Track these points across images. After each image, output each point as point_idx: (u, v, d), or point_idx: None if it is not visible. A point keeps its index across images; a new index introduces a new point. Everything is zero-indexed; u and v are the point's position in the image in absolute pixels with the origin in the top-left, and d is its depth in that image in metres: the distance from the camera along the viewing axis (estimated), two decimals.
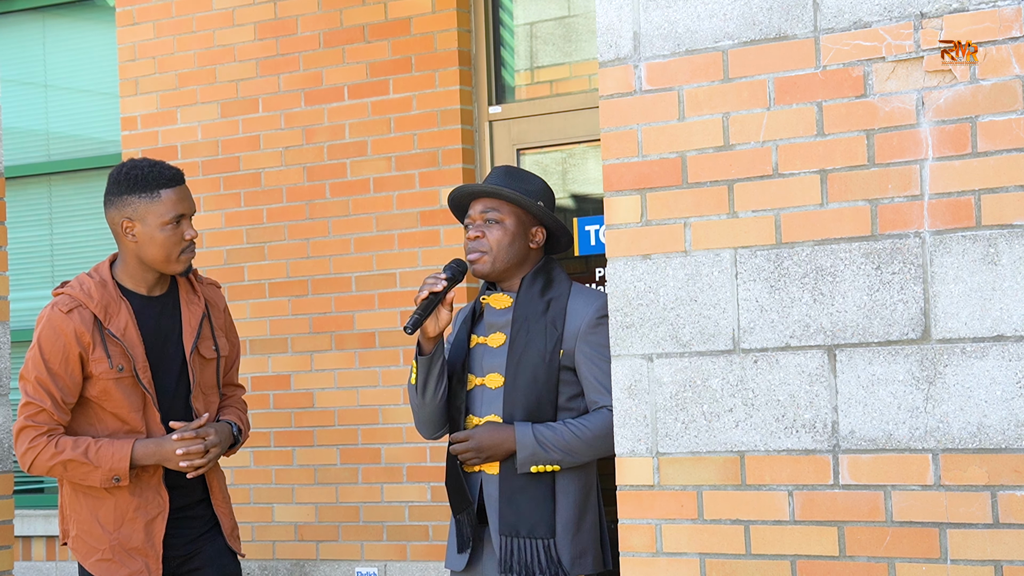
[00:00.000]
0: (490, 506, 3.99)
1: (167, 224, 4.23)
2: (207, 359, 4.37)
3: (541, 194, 4.08)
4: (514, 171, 4.11)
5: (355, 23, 6.86)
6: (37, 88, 8.09)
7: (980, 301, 3.26)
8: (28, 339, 7.87)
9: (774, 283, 3.48)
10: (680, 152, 3.60)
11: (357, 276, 6.83)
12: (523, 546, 3.94)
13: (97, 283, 4.26)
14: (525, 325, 3.97)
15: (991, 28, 3.26)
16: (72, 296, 4.25)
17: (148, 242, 4.24)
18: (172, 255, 4.25)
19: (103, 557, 4.28)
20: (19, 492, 7.74)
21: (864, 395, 3.38)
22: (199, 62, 7.25)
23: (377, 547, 6.77)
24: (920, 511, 3.31)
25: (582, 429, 3.93)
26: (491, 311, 4.06)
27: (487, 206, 4.03)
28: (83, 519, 4.30)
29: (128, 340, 4.23)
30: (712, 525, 3.54)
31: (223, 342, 4.43)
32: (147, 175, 4.25)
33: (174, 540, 4.31)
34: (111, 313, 4.23)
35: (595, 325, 3.97)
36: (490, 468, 4.00)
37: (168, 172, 4.28)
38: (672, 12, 3.60)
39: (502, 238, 4.01)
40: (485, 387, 4.03)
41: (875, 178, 3.38)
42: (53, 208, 8.00)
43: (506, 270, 4.03)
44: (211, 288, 4.48)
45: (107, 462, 4.18)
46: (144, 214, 4.23)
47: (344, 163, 6.89)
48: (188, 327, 4.32)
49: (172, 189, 4.26)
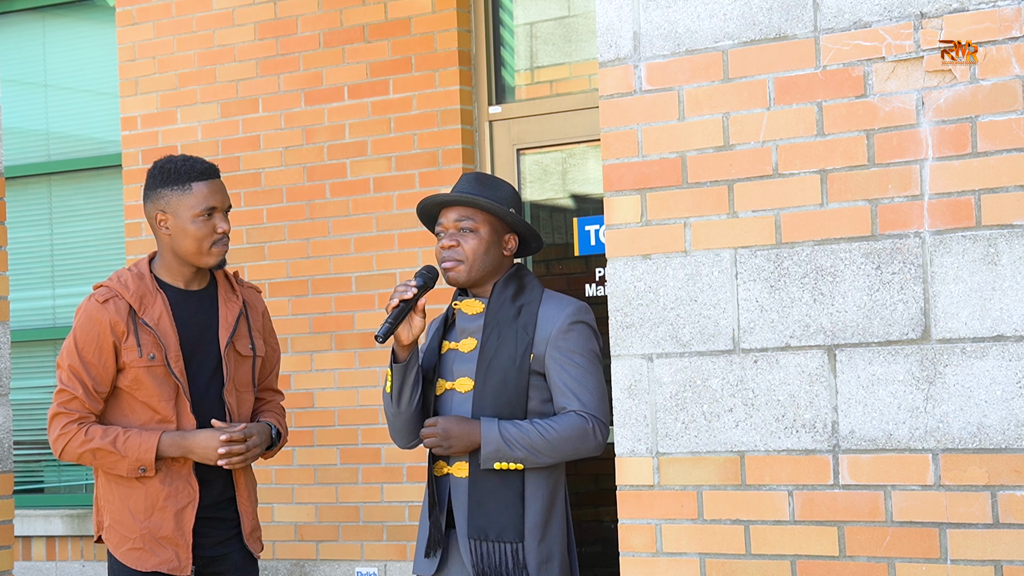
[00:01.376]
0: (458, 510, 4.00)
1: (198, 216, 4.32)
2: (243, 356, 4.44)
3: (511, 200, 4.08)
4: (484, 178, 4.10)
5: (355, 23, 6.86)
6: (37, 88, 8.09)
7: (980, 301, 3.26)
8: (28, 339, 7.89)
9: (774, 283, 3.48)
10: (680, 152, 3.60)
11: (357, 276, 6.83)
12: (491, 550, 3.94)
13: (135, 275, 4.37)
14: (496, 330, 3.98)
15: (991, 28, 3.26)
16: (109, 287, 4.35)
17: (180, 234, 4.32)
18: (204, 247, 4.33)
19: (134, 546, 4.33)
20: (19, 492, 7.74)
21: (864, 395, 3.38)
22: (199, 62, 7.25)
23: (377, 547, 6.77)
24: (920, 511, 3.31)
25: (548, 430, 3.92)
26: (463, 316, 4.07)
27: (461, 215, 4.02)
28: (115, 509, 4.35)
29: (161, 330, 4.30)
30: (712, 525, 3.54)
31: (260, 343, 4.51)
32: (179, 168, 4.35)
33: (203, 540, 4.37)
34: (146, 304, 4.32)
35: (566, 331, 3.97)
36: (459, 471, 4.00)
37: (200, 166, 4.37)
38: (672, 12, 3.60)
39: (478, 247, 4.02)
40: (455, 391, 4.03)
41: (875, 178, 3.38)
42: (53, 208, 8.00)
43: (481, 278, 4.04)
44: (251, 291, 4.57)
45: (134, 452, 4.26)
46: (176, 207, 4.32)
47: (344, 163, 6.89)
48: (225, 322, 4.39)
49: (204, 182, 4.35)
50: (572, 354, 3.96)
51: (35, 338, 7.93)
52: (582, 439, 3.94)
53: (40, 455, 8.06)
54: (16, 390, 7.36)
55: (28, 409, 7.97)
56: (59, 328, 7.90)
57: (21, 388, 7.81)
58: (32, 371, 7.99)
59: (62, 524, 7.61)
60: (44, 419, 7.96)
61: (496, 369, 3.95)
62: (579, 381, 3.96)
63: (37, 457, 8.07)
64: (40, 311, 7.99)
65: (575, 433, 3.93)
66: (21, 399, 7.82)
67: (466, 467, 3.98)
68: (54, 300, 7.97)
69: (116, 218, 7.66)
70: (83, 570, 7.59)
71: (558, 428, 3.93)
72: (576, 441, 3.93)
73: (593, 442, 3.96)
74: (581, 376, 3.97)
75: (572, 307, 4.01)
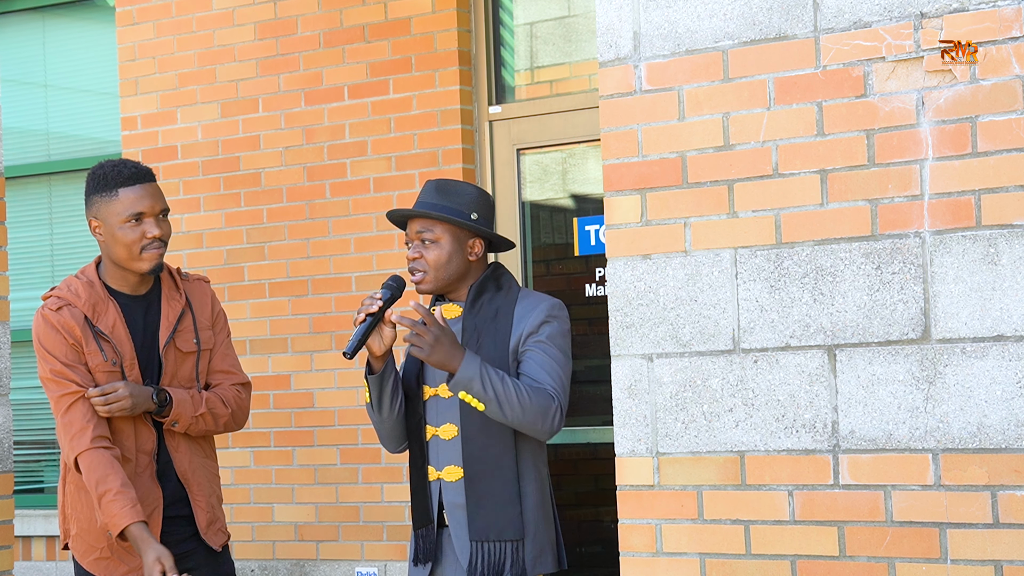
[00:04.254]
0: (451, 513, 3.99)
1: (126, 222, 4.26)
2: (185, 352, 4.39)
3: (475, 205, 4.06)
4: (445, 185, 4.09)
5: (355, 23, 6.86)
6: (37, 88, 8.09)
7: (980, 301, 3.26)
8: (28, 339, 7.87)
9: (774, 283, 3.48)
10: (680, 152, 3.60)
11: (357, 276, 6.83)
12: (492, 550, 3.95)
13: (84, 283, 4.32)
14: (475, 334, 3.99)
15: (991, 28, 3.26)
16: (60, 297, 4.30)
17: (112, 241, 4.28)
18: (134, 252, 4.27)
19: (102, 555, 4.29)
20: (19, 492, 7.74)
21: (864, 395, 3.38)
22: (199, 62, 7.25)
23: (377, 547, 6.77)
24: (920, 511, 3.31)
25: (522, 392, 3.87)
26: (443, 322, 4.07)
27: (422, 226, 4.05)
28: (83, 518, 4.31)
29: (116, 337, 4.28)
30: (712, 525, 3.54)
31: (208, 335, 4.45)
32: (108, 174, 4.30)
33: (165, 540, 4.31)
34: (99, 311, 4.28)
35: (540, 325, 3.96)
36: (449, 475, 4.00)
37: (128, 171, 4.31)
38: (672, 12, 3.60)
39: (439, 257, 4.02)
40: (439, 397, 4.04)
41: (875, 178, 3.38)
42: (53, 208, 8.00)
43: (449, 284, 4.05)
44: (196, 284, 4.50)
45: (109, 516, 4.16)
46: (106, 213, 4.28)
47: (344, 163, 6.89)
48: (165, 321, 4.35)
49: (130, 187, 4.28)
50: (545, 344, 3.94)
51: None
52: (543, 416, 3.89)
53: (40, 455, 8.05)
54: (16, 390, 7.36)
55: (28, 409, 7.97)
56: None
57: (21, 388, 7.80)
58: (32, 371, 7.97)
59: None
60: (44, 419, 7.98)
61: None
62: (551, 367, 3.94)
63: (37, 457, 8.07)
64: None
65: (542, 408, 3.89)
66: (21, 399, 7.82)
67: (457, 471, 3.99)
68: None
69: None
70: None
71: (531, 395, 3.88)
72: (539, 415, 3.89)
73: (550, 424, 3.92)
74: (553, 364, 3.94)
75: (545, 303, 4.00)
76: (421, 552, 4.04)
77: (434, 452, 4.03)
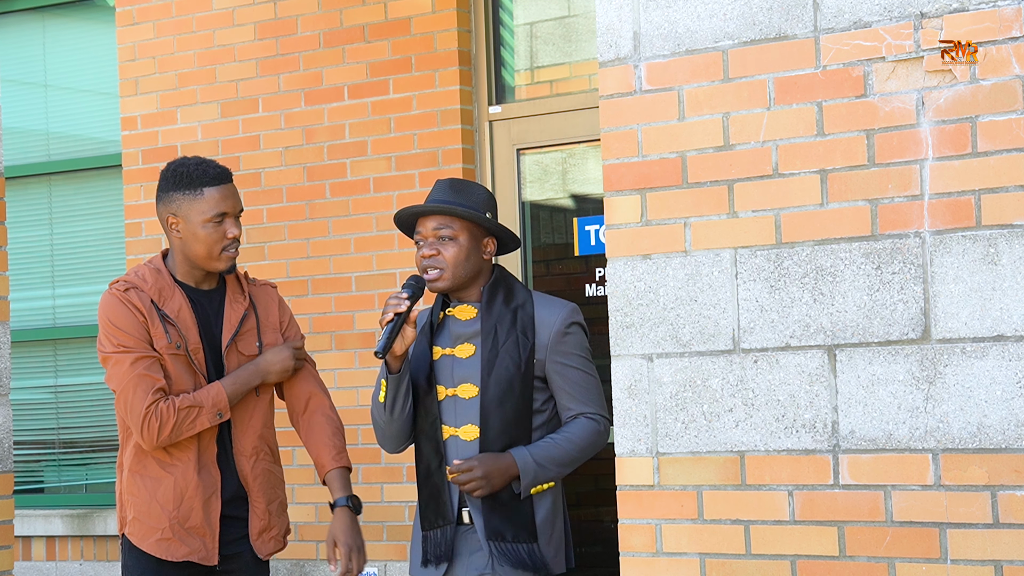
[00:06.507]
0: (473, 509, 4.02)
1: (209, 221, 4.32)
2: (248, 356, 4.43)
3: (487, 204, 4.10)
4: (458, 184, 4.12)
5: (355, 23, 6.86)
6: (37, 88, 8.09)
7: (980, 301, 3.26)
8: (28, 339, 7.88)
9: (774, 283, 3.48)
10: (680, 152, 3.60)
11: (357, 276, 6.83)
12: (508, 549, 3.99)
13: (152, 270, 4.38)
14: (495, 336, 4.01)
15: (991, 28, 3.26)
16: (127, 280, 4.36)
17: (191, 239, 4.33)
18: (214, 252, 4.34)
19: (163, 537, 4.31)
20: (19, 492, 7.74)
21: (864, 395, 3.38)
22: (199, 62, 7.25)
23: (377, 547, 6.77)
24: (920, 511, 3.31)
25: (570, 443, 4.05)
26: (456, 322, 4.09)
27: (440, 223, 4.05)
28: (141, 501, 4.33)
29: (182, 321, 4.32)
30: (712, 525, 3.54)
31: (276, 338, 4.48)
32: (192, 172, 4.35)
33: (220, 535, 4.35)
34: (165, 297, 4.33)
35: (563, 335, 4.05)
36: None
37: (213, 170, 4.38)
38: (672, 12, 3.61)
39: (458, 254, 4.04)
40: (458, 397, 4.05)
41: (875, 178, 3.38)
42: (53, 208, 8.00)
43: (463, 282, 4.07)
44: (263, 288, 4.56)
45: (208, 400, 4.27)
46: (188, 211, 4.33)
47: (344, 163, 6.89)
48: (228, 323, 4.40)
49: (215, 187, 4.35)
50: (572, 357, 4.05)
51: (35, 338, 7.94)
52: (597, 441, 4.08)
53: (40, 455, 8.06)
54: (16, 390, 7.36)
55: (28, 409, 7.98)
56: (59, 328, 7.91)
57: (21, 388, 7.81)
58: (32, 371, 7.99)
59: (62, 524, 7.61)
60: (44, 419, 7.98)
61: (500, 375, 3.99)
62: (582, 384, 4.07)
63: (37, 457, 8.07)
64: (40, 311, 7.99)
65: (592, 438, 4.06)
66: (21, 399, 7.82)
67: None
68: (54, 300, 7.97)
69: (116, 218, 7.66)
70: (82, 570, 7.59)
71: (578, 438, 4.05)
72: (593, 444, 4.08)
73: (603, 444, 4.11)
74: (583, 379, 4.07)
75: (566, 310, 4.07)
76: (432, 553, 4.04)
77: (453, 452, 4.04)
